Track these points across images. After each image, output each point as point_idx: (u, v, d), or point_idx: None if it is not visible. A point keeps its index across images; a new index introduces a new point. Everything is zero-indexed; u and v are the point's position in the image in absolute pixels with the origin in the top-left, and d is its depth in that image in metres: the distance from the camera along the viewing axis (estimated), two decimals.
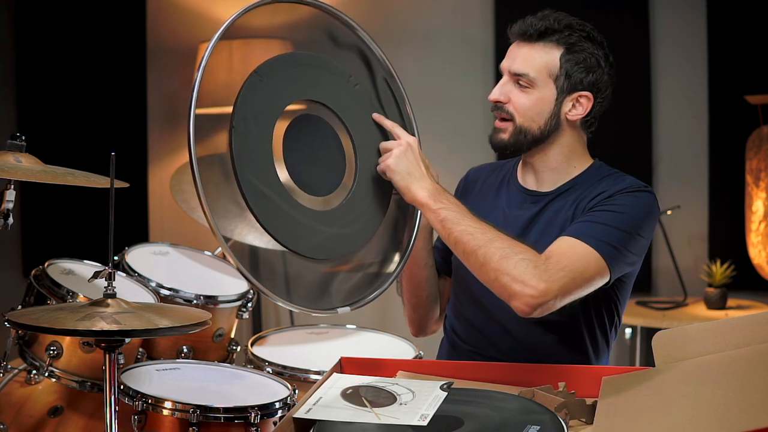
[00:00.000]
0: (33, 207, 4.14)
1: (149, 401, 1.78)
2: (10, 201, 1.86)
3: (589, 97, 1.88)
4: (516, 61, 1.87)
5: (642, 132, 3.79)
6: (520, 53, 1.87)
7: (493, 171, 2.10)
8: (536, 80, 1.85)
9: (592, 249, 1.73)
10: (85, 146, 3.89)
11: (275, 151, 1.70)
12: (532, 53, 1.86)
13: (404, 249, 1.88)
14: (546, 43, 1.85)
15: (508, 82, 1.89)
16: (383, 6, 4.07)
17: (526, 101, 1.87)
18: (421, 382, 1.52)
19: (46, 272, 2.13)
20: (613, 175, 1.92)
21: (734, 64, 3.67)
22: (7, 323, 1.53)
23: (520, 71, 1.86)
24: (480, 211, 1.95)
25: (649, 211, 1.84)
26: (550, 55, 1.85)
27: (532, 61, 1.86)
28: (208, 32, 4.07)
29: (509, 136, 1.89)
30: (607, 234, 1.76)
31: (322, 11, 1.81)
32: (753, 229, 3.49)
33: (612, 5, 3.74)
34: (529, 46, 1.86)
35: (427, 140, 1.98)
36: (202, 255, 2.66)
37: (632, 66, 3.76)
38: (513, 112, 1.88)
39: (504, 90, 1.89)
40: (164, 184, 4.17)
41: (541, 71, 1.86)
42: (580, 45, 1.86)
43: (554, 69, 1.85)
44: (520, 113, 1.88)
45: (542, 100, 1.86)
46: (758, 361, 1.46)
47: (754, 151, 3.46)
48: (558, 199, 1.92)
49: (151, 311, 1.58)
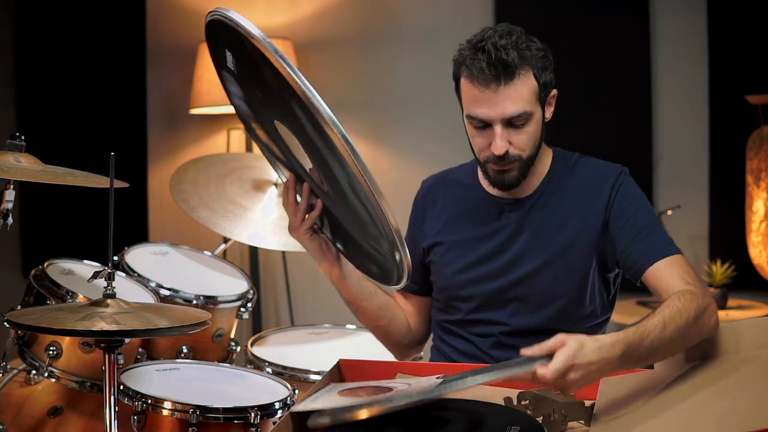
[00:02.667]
0: (33, 207, 4.14)
1: (149, 401, 1.78)
2: (10, 201, 1.86)
3: (555, 92, 1.87)
4: (504, 105, 1.76)
5: (642, 132, 3.78)
6: (502, 96, 1.75)
7: (450, 183, 2.04)
8: (531, 112, 1.79)
9: (674, 255, 1.76)
10: (85, 146, 3.88)
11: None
12: (517, 89, 1.76)
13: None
14: (521, 74, 1.76)
15: (504, 128, 1.78)
16: (383, 6, 4.07)
17: (527, 137, 1.80)
18: (417, 378, 1.52)
19: (46, 272, 2.12)
20: (583, 159, 1.93)
21: (734, 64, 3.67)
22: (7, 323, 1.53)
23: (515, 113, 1.77)
24: (452, 227, 1.96)
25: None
26: (529, 81, 1.78)
27: (521, 97, 1.76)
28: None
29: (519, 173, 1.84)
30: (660, 234, 1.80)
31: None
32: (753, 229, 3.49)
33: (612, 5, 3.74)
34: (508, 85, 1.75)
35: (427, 140, 1.98)
36: (202, 255, 2.66)
37: (632, 66, 3.76)
38: (518, 153, 1.81)
39: (504, 138, 1.78)
40: (164, 184, 4.17)
41: (531, 100, 1.79)
42: (538, 55, 1.80)
43: (537, 90, 1.80)
44: (526, 149, 1.81)
45: (537, 123, 1.82)
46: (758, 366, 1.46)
47: (754, 151, 3.46)
48: (540, 201, 1.90)
49: (150, 311, 1.58)
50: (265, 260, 4.14)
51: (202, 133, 4.24)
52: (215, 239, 3.46)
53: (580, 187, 1.90)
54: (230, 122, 4.14)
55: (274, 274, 4.20)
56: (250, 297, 2.49)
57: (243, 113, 1.85)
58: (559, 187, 1.91)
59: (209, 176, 2.80)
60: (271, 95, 1.61)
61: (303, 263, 4.08)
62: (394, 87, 4.04)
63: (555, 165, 1.93)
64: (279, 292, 4.20)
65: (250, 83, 1.69)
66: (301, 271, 4.12)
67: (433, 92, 3.91)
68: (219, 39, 1.66)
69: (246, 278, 2.58)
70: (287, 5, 4.12)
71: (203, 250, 2.68)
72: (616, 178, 1.87)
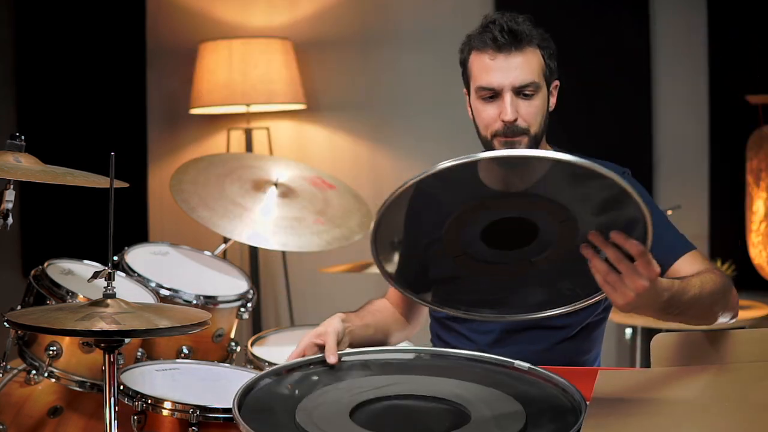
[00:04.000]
0: (33, 207, 4.14)
1: (149, 401, 1.78)
2: (10, 201, 1.86)
3: (558, 83, 1.92)
4: (515, 73, 1.81)
5: (642, 132, 3.78)
6: (513, 64, 1.81)
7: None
8: (539, 84, 1.84)
9: (696, 251, 1.83)
10: (85, 146, 3.88)
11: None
12: (527, 59, 1.82)
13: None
14: (529, 46, 1.84)
15: (513, 97, 1.82)
16: (383, 6, 4.07)
17: (534, 110, 1.84)
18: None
19: (46, 272, 2.12)
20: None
21: (734, 64, 3.67)
22: (7, 323, 1.53)
23: (525, 81, 1.82)
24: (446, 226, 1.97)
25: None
26: (537, 56, 1.84)
27: (530, 67, 1.82)
28: (208, 32, 4.07)
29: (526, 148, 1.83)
30: (675, 230, 1.86)
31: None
32: (753, 229, 3.49)
33: (612, 5, 3.74)
34: (518, 53, 1.82)
35: (427, 140, 1.98)
36: (202, 255, 2.66)
37: (632, 66, 3.76)
38: (526, 126, 1.83)
39: (514, 106, 1.82)
40: (164, 184, 4.17)
41: (539, 74, 1.85)
42: (544, 38, 1.87)
43: (544, 68, 1.86)
44: (533, 123, 1.84)
45: (543, 100, 1.86)
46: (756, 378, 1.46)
47: (754, 150, 3.46)
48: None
49: (150, 311, 1.58)
50: (265, 260, 4.14)
51: (202, 133, 4.24)
52: (215, 239, 3.45)
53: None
54: (230, 122, 4.15)
55: (274, 274, 4.20)
56: (250, 297, 2.49)
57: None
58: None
59: (209, 176, 2.80)
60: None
61: (303, 263, 4.08)
62: (394, 87, 4.04)
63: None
64: (279, 292, 4.20)
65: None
66: (301, 271, 4.12)
67: (433, 92, 3.91)
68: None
69: (246, 278, 2.58)
70: (287, 5, 4.12)
71: (203, 250, 2.68)
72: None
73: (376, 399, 1.45)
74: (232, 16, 4.12)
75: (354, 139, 4.12)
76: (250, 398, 1.48)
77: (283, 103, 3.93)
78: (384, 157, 4.05)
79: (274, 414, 1.44)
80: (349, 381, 1.54)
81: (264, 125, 4.09)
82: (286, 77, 3.84)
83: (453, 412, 1.41)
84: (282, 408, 1.44)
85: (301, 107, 4.04)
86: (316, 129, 4.16)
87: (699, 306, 1.58)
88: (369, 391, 1.47)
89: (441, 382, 1.53)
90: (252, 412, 1.42)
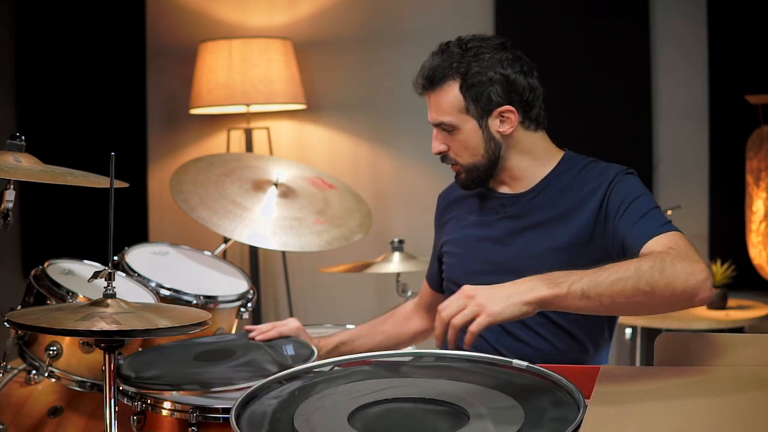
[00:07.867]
0: (33, 207, 4.14)
1: (149, 401, 1.78)
2: (10, 201, 1.86)
3: (510, 108, 1.90)
4: (432, 113, 1.93)
5: (642, 132, 3.78)
6: (431, 104, 1.94)
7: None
8: (454, 122, 1.91)
9: (672, 231, 1.76)
10: (85, 146, 3.89)
11: None
12: (438, 100, 1.92)
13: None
14: (442, 85, 1.91)
15: (439, 132, 1.95)
16: (383, 6, 4.07)
17: (458, 143, 1.93)
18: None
19: (46, 272, 2.12)
20: (592, 164, 1.94)
21: (734, 64, 3.67)
22: (7, 323, 1.53)
23: (437, 121, 1.93)
24: (459, 222, 2.06)
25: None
26: (451, 94, 1.90)
27: (440, 108, 1.92)
28: (208, 32, 4.08)
29: (466, 177, 1.97)
30: (659, 215, 1.82)
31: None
32: (753, 229, 3.49)
33: (612, 5, 3.74)
34: (433, 94, 1.93)
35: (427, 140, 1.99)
36: (202, 255, 2.65)
37: (632, 66, 3.76)
38: (455, 158, 1.95)
39: (439, 140, 1.95)
40: (164, 184, 4.17)
41: (451, 112, 1.91)
42: (472, 69, 1.89)
43: (460, 104, 1.90)
44: (460, 155, 1.94)
45: (470, 134, 1.91)
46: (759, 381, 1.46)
47: (754, 150, 3.46)
48: (539, 197, 1.95)
49: (150, 311, 1.58)
50: (265, 260, 4.14)
51: (202, 133, 4.24)
52: (215, 239, 3.46)
53: (582, 187, 1.91)
54: (230, 122, 4.15)
55: (274, 274, 4.20)
56: (250, 297, 2.49)
57: None
58: (560, 187, 1.93)
59: (209, 176, 2.80)
60: None
61: (303, 263, 4.08)
62: (394, 87, 4.04)
63: (560, 166, 1.96)
64: (279, 292, 4.20)
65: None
66: (301, 271, 4.12)
67: None
68: None
69: (246, 278, 2.58)
70: (287, 5, 4.12)
71: (203, 250, 2.68)
72: (614, 177, 1.88)
73: (374, 403, 1.44)
74: (232, 16, 4.12)
75: (354, 139, 4.12)
76: (249, 410, 1.46)
77: (283, 103, 3.93)
78: (384, 157, 4.06)
79: (273, 423, 1.42)
80: (346, 386, 1.53)
81: (264, 125, 4.09)
82: (286, 77, 3.84)
83: (451, 414, 1.41)
84: (280, 414, 1.43)
85: (301, 107, 4.04)
86: (316, 129, 4.16)
87: (603, 280, 1.56)
88: (366, 395, 1.47)
89: (438, 383, 1.53)
90: (250, 419, 1.41)
